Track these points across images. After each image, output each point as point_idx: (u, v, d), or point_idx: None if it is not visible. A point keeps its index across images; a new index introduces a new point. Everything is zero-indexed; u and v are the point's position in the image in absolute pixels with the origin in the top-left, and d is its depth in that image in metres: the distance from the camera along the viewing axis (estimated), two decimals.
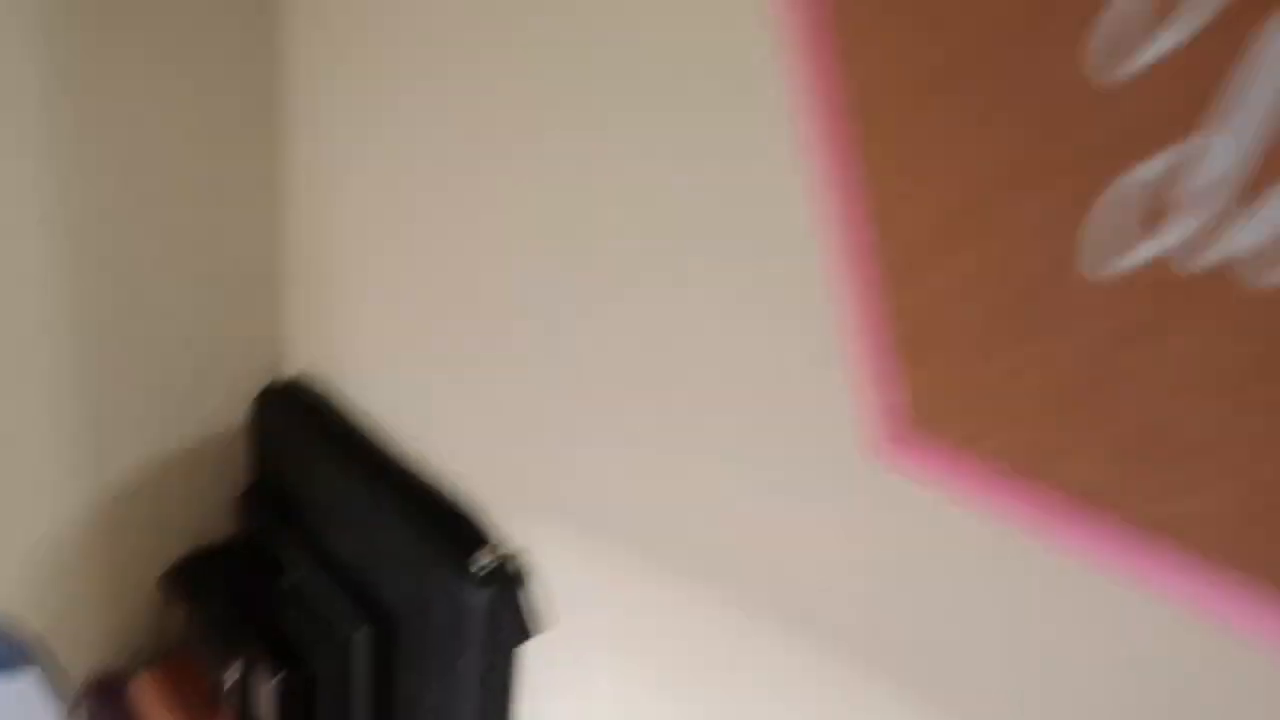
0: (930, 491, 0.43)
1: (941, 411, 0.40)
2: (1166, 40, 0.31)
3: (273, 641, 0.92)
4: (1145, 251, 0.33)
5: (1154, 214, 0.33)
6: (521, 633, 0.78)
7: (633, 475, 0.65)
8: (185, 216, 0.94)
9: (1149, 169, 0.33)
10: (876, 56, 0.35)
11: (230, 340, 1.02)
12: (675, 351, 0.57)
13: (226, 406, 1.04)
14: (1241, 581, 0.33)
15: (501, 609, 0.76)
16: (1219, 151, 0.32)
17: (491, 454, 0.81)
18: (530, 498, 0.77)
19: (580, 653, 0.76)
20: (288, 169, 0.98)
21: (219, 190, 0.95)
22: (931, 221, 0.37)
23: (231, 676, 0.93)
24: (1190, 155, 0.32)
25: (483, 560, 0.77)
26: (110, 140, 0.87)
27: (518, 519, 0.79)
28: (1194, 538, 0.34)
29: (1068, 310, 0.36)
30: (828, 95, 0.38)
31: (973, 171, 0.35)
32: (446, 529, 0.82)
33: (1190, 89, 0.32)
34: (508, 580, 0.77)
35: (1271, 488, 0.32)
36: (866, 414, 0.44)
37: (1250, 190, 0.31)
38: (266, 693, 0.90)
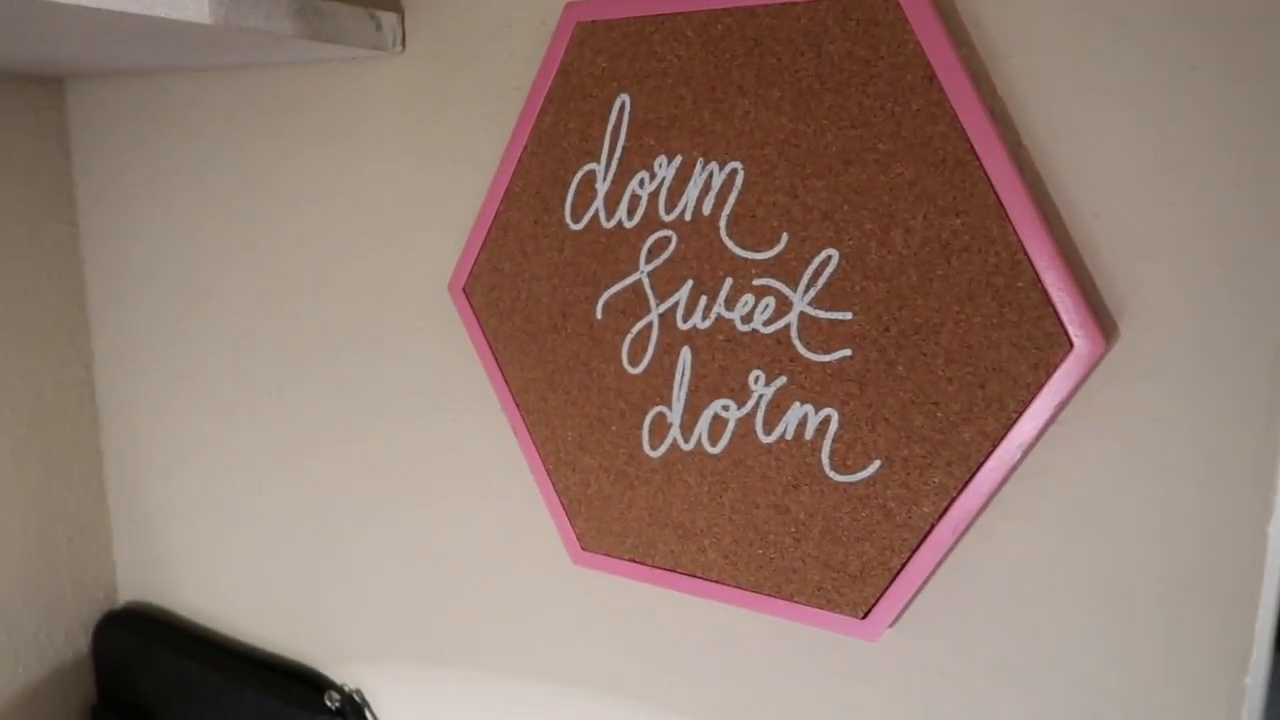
0: (613, 577, 0.73)
1: (599, 540, 0.70)
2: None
3: None
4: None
5: None
6: None
7: (437, 621, 0.85)
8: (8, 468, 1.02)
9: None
10: (517, 367, 0.72)
11: (61, 575, 1.09)
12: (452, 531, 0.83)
13: (64, 637, 1.10)
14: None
15: None
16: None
17: (322, 613, 0.95)
18: (364, 644, 0.92)
19: None
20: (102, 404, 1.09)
21: (39, 430, 1.03)
22: (572, 432, 0.70)
23: None
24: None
25: (331, 698, 0.92)
26: None
27: (356, 664, 0.94)
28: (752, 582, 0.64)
29: (669, 470, 0.66)
30: (504, 386, 0.73)
31: (576, 409, 0.70)
32: (295, 685, 0.94)
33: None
34: (356, 709, 0.93)
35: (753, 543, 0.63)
36: (567, 542, 0.72)
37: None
38: None
